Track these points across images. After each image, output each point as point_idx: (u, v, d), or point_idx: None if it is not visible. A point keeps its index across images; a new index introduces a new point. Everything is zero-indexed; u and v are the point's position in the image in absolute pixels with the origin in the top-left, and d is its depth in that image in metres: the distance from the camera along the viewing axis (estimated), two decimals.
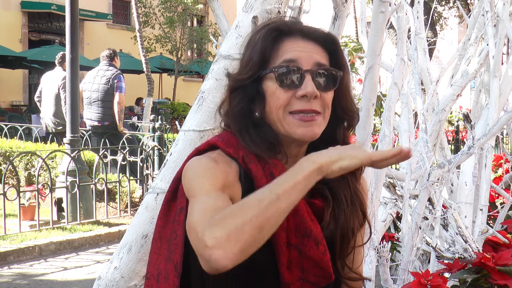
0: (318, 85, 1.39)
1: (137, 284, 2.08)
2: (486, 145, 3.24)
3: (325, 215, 1.43)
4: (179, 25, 22.36)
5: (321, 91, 1.39)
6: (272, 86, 1.39)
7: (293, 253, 1.38)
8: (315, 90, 1.37)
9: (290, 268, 1.38)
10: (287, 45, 1.41)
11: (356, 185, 1.49)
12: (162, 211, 1.48)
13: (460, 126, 13.56)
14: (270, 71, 1.39)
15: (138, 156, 8.26)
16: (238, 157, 1.38)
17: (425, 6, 3.41)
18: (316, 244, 1.38)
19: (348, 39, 14.41)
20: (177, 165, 2.03)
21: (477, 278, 2.27)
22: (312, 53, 1.41)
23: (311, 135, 1.39)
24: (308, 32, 1.43)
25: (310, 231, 1.38)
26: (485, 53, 3.18)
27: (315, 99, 1.38)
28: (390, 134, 2.44)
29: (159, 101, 18.86)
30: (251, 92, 1.41)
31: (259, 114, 1.41)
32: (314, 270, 1.40)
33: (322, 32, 1.45)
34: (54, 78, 9.48)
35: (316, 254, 1.39)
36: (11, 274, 5.61)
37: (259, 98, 1.41)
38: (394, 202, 2.87)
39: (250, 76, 1.41)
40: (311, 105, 1.38)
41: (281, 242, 1.36)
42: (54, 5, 20.95)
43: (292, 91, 1.38)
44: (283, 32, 1.42)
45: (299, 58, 1.39)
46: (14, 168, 7.07)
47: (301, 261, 1.39)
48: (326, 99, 1.41)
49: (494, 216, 3.64)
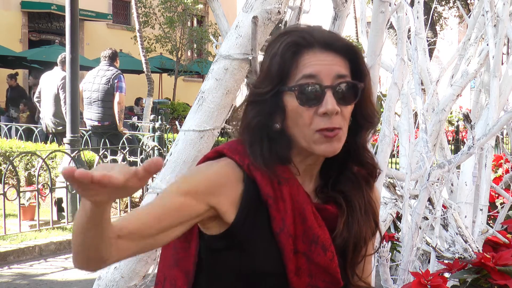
0: (339, 99, 1.36)
1: (137, 284, 2.08)
2: (486, 145, 3.24)
3: (338, 222, 1.42)
4: (179, 25, 22.34)
5: (341, 106, 1.37)
6: (293, 102, 1.37)
7: (301, 260, 1.38)
8: (335, 107, 1.35)
9: (299, 274, 1.38)
10: (307, 59, 1.37)
11: (370, 194, 1.48)
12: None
13: (460, 126, 13.56)
14: (289, 89, 1.37)
15: (138, 156, 8.26)
16: (243, 164, 1.38)
17: (425, 6, 3.41)
18: (323, 250, 1.38)
19: (348, 39, 14.40)
20: (177, 165, 2.03)
21: (477, 278, 2.27)
22: (332, 65, 1.37)
23: (332, 150, 1.37)
24: (328, 43, 1.39)
25: (317, 237, 1.38)
26: (485, 53, 3.18)
27: (336, 115, 1.36)
28: (390, 134, 2.44)
29: (159, 101, 18.84)
30: (270, 106, 1.39)
31: (279, 126, 1.39)
32: (322, 276, 1.40)
33: (343, 42, 1.41)
34: (53, 78, 9.47)
35: (324, 261, 1.39)
36: (11, 274, 5.61)
37: (279, 111, 1.39)
38: (394, 202, 2.86)
39: (270, 91, 1.38)
40: (332, 122, 1.35)
41: (288, 249, 1.36)
42: (54, 5, 20.94)
43: (314, 109, 1.36)
44: (302, 45, 1.38)
45: (319, 73, 1.36)
46: (14, 168, 7.07)
47: (309, 267, 1.39)
48: (346, 113, 1.38)
49: (494, 216, 3.64)
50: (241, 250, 1.38)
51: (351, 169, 1.47)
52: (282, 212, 1.36)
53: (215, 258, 1.41)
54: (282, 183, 1.37)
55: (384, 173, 2.44)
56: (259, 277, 1.38)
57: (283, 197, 1.37)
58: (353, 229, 1.42)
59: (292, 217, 1.37)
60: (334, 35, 1.43)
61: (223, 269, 1.41)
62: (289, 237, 1.36)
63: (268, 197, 1.37)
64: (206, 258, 1.42)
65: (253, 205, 1.37)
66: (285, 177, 1.38)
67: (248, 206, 1.37)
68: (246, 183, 1.38)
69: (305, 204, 1.38)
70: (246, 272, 1.39)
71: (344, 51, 1.40)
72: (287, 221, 1.36)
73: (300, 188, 1.40)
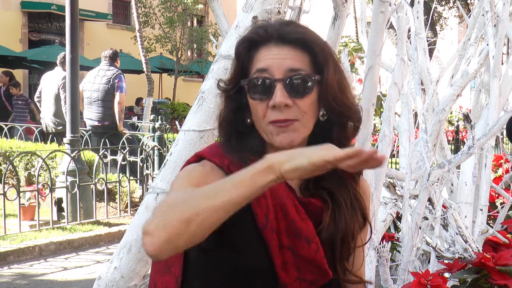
0: (291, 92, 1.36)
1: (137, 284, 2.09)
2: (486, 145, 3.24)
3: (324, 216, 1.42)
4: (179, 25, 22.35)
5: (295, 98, 1.37)
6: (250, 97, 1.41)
7: (287, 254, 1.39)
8: (283, 100, 1.35)
9: (286, 268, 1.39)
10: (261, 54, 1.39)
11: (356, 189, 1.48)
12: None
13: (460, 126, 13.56)
14: (242, 83, 1.40)
15: (138, 156, 8.26)
16: (223, 165, 1.40)
17: (425, 6, 3.41)
18: (307, 242, 1.39)
19: (348, 39, 14.41)
20: (177, 165, 2.03)
21: (477, 278, 2.27)
22: (284, 59, 1.37)
23: (287, 141, 1.37)
24: (282, 36, 1.39)
25: (300, 230, 1.38)
26: (485, 53, 3.18)
27: (288, 107, 1.36)
28: (390, 134, 2.44)
29: (159, 101, 18.84)
30: (235, 102, 1.42)
31: (250, 121, 1.42)
32: (309, 268, 1.41)
33: (298, 35, 1.40)
34: (54, 78, 9.48)
35: (309, 253, 1.39)
36: (11, 274, 5.61)
37: (245, 107, 1.42)
38: (394, 202, 2.87)
39: (232, 88, 1.42)
40: (283, 115, 1.36)
41: (273, 244, 1.37)
42: (54, 5, 20.94)
43: (266, 102, 1.37)
44: (257, 41, 1.40)
45: (270, 67, 1.37)
46: (14, 168, 7.07)
47: (296, 261, 1.39)
48: (302, 106, 1.37)
49: (494, 216, 3.64)
50: (231, 248, 1.39)
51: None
52: (264, 208, 1.37)
53: (206, 259, 1.42)
54: None
55: (384, 173, 2.44)
56: (250, 274, 1.39)
57: (264, 194, 1.36)
58: (340, 225, 1.42)
59: (274, 212, 1.38)
60: (290, 27, 1.41)
61: (215, 270, 1.42)
62: (273, 232, 1.37)
63: None
64: (198, 260, 1.43)
65: None
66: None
67: None
68: None
69: (286, 199, 1.39)
70: (237, 270, 1.40)
71: (300, 43, 1.39)
72: (270, 217, 1.37)
73: (281, 184, 1.39)
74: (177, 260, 1.44)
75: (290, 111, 1.37)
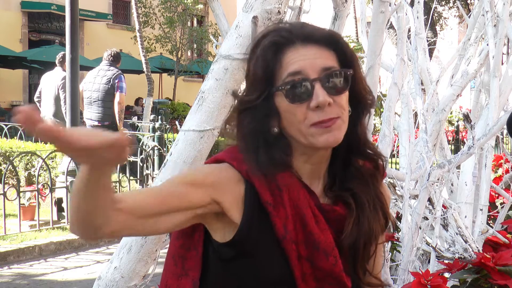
0: (330, 90, 1.34)
1: (137, 284, 2.09)
2: (486, 145, 3.24)
3: (346, 223, 1.40)
4: (179, 25, 22.35)
5: (334, 96, 1.34)
6: (284, 102, 1.35)
7: (305, 265, 1.37)
8: (326, 98, 1.32)
9: (305, 279, 1.37)
10: (289, 56, 1.35)
11: (378, 188, 1.46)
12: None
13: (460, 126, 13.56)
14: (276, 89, 1.35)
15: (138, 156, 8.26)
16: (241, 170, 1.37)
17: (425, 6, 3.41)
18: (325, 256, 1.37)
19: (348, 39, 14.42)
20: (177, 165, 2.03)
21: (477, 278, 2.27)
22: (315, 58, 1.35)
23: (333, 140, 1.35)
24: (307, 36, 1.37)
25: (318, 243, 1.36)
26: (485, 53, 3.18)
27: (330, 106, 1.34)
28: (390, 134, 2.44)
29: (159, 101, 18.85)
30: (262, 111, 1.36)
31: (278, 129, 1.37)
32: (328, 280, 1.39)
33: (322, 32, 1.39)
34: (53, 78, 9.47)
35: (327, 265, 1.37)
36: (11, 274, 5.61)
37: (273, 114, 1.37)
38: (394, 202, 2.86)
39: (259, 96, 1.36)
40: (326, 114, 1.33)
41: (293, 256, 1.35)
42: (54, 5, 20.94)
43: (305, 104, 1.34)
44: (282, 44, 1.36)
45: (303, 68, 1.34)
46: (14, 168, 7.07)
47: (314, 272, 1.37)
48: (341, 102, 1.36)
49: (494, 216, 3.63)
50: (250, 258, 1.36)
51: (355, 164, 1.44)
52: (283, 218, 1.35)
53: (224, 268, 1.39)
54: (282, 189, 1.35)
55: None
56: (270, 285, 1.37)
57: (283, 203, 1.35)
58: (363, 228, 1.40)
59: (293, 222, 1.35)
60: (313, 27, 1.40)
61: (232, 280, 1.39)
62: (292, 243, 1.35)
63: (268, 204, 1.35)
64: (215, 268, 1.41)
65: (256, 208, 1.36)
66: (284, 183, 1.36)
67: (252, 208, 1.36)
68: (246, 186, 1.37)
69: (305, 209, 1.36)
70: (257, 281, 1.37)
71: (325, 41, 1.38)
72: (288, 227, 1.35)
73: (301, 192, 1.37)
74: (196, 266, 1.41)
75: (331, 109, 1.34)
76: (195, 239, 1.42)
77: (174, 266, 1.44)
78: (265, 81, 1.36)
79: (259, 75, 1.36)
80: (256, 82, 1.37)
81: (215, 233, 1.40)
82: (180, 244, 1.44)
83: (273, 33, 1.39)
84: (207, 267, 1.42)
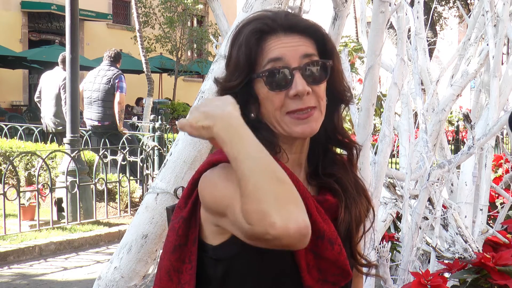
0: (309, 79, 1.37)
1: (137, 284, 2.09)
2: (486, 145, 3.24)
3: (339, 211, 1.43)
4: (179, 25, 22.35)
5: (313, 85, 1.37)
6: (263, 89, 1.38)
7: (308, 256, 1.37)
8: (305, 87, 1.36)
9: (309, 271, 1.37)
10: (271, 44, 1.38)
11: (354, 171, 1.50)
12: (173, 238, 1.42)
13: (460, 126, 13.56)
14: (257, 75, 1.37)
15: (138, 156, 8.26)
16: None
17: (425, 6, 3.41)
18: (331, 244, 1.37)
19: (348, 39, 14.41)
20: (177, 165, 2.03)
21: (477, 278, 2.27)
22: (297, 46, 1.38)
23: (309, 131, 1.38)
24: (290, 25, 1.39)
25: (323, 232, 1.36)
26: (485, 53, 3.18)
27: (308, 95, 1.37)
28: (390, 134, 2.43)
29: (159, 101, 18.85)
30: (242, 97, 1.38)
31: (255, 116, 1.40)
32: (332, 270, 1.39)
33: (306, 23, 1.41)
34: (54, 78, 9.47)
35: (332, 255, 1.37)
36: (11, 274, 5.61)
37: (252, 100, 1.40)
38: (394, 202, 2.87)
39: (240, 83, 1.38)
40: (305, 103, 1.37)
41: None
42: (54, 5, 20.94)
43: (284, 92, 1.36)
44: (265, 31, 1.39)
45: (284, 55, 1.37)
46: (14, 168, 7.07)
47: (318, 263, 1.38)
48: (319, 92, 1.39)
49: (494, 216, 3.64)
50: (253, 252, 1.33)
51: (333, 151, 1.49)
52: None
53: (226, 268, 1.37)
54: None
55: (384, 173, 2.44)
56: (274, 278, 1.36)
57: None
58: (353, 212, 1.44)
59: None
60: (296, 17, 1.43)
61: (236, 278, 1.38)
62: None
63: None
64: (214, 272, 1.39)
65: None
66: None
67: None
68: None
69: (306, 199, 1.36)
70: (258, 276, 1.36)
71: (308, 31, 1.41)
72: None
73: (300, 183, 1.38)
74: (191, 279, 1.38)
75: (309, 98, 1.37)
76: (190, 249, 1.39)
77: (170, 282, 1.42)
78: (247, 68, 1.38)
79: (241, 61, 1.38)
80: (238, 68, 1.39)
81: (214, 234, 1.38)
82: (176, 258, 1.41)
83: (257, 21, 1.41)
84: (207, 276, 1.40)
